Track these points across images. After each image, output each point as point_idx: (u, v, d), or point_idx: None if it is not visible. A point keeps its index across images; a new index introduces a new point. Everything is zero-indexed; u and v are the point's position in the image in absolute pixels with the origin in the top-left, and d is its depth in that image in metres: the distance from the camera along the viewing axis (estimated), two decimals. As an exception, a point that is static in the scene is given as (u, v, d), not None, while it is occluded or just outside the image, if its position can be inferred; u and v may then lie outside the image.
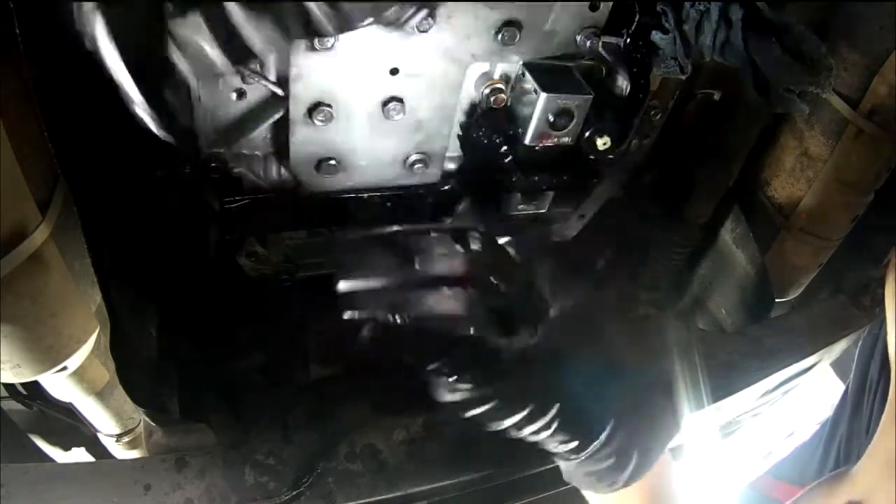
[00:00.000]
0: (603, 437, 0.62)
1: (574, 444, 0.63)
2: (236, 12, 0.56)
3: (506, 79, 0.85)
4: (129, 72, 0.54)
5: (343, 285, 0.58)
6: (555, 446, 0.64)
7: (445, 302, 0.58)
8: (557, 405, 0.61)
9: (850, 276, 1.18)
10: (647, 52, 0.81)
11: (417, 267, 0.59)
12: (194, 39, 0.57)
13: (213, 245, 0.90)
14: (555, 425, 0.61)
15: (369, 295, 0.58)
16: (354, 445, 0.80)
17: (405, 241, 0.61)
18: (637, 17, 0.79)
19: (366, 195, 0.93)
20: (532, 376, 0.61)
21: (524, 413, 0.60)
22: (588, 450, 0.63)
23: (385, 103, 0.82)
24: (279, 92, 0.79)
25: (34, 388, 0.84)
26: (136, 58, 0.54)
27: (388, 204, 0.94)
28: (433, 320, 0.58)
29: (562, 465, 0.69)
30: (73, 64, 0.60)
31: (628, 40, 0.81)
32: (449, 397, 0.59)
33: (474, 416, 0.60)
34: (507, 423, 0.61)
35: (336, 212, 0.94)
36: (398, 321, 0.57)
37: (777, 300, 1.17)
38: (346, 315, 0.58)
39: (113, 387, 0.83)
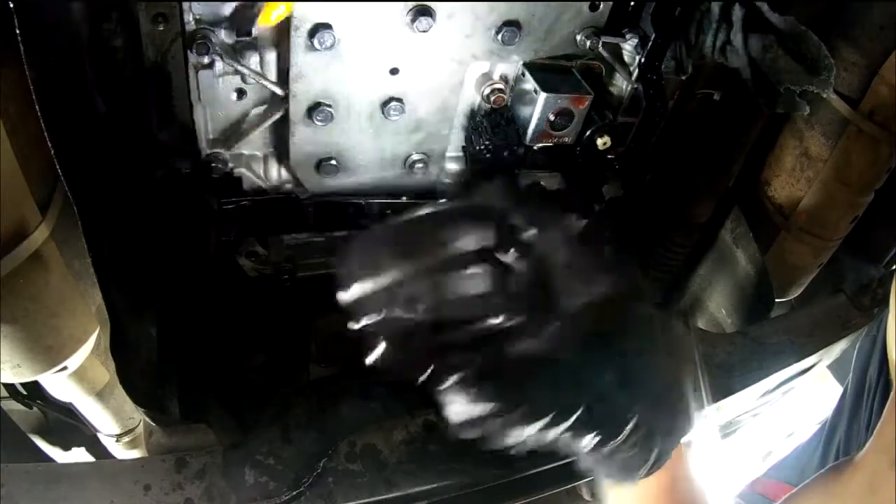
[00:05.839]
0: (627, 429, 0.59)
1: (597, 440, 0.59)
2: None
3: (506, 79, 0.85)
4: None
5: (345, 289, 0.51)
6: (577, 444, 0.60)
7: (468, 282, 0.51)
8: (583, 406, 0.57)
9: (850, 276, 1.18)
10: (661, 73, 0.81)
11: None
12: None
13: (213, 245, 0.89)
14: (579, 425, 0.57)
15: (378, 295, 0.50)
16: (354, 445, 0.80)
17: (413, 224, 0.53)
18: (653, 37, 0.79)
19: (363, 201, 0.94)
20: (557, 374, 0.57)
21: (547, 419, 0.56)
22: (611, 444, 0.60)
23: (385, 103, 0.82)
24: (279, 92, 0.79)
25: (34, 388, 0.84)
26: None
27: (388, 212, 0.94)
28: (456, 305, 0.51)
29: (581, 457, 0.64)
30: (73, 64, 0.60)
31: (643, 60, 0.81)
32: (467, 413, 0.54)
33: (490, 430, 0.55)
34: (529, 431, 0.56)
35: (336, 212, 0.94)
36: (414, 317, 0.49)
37: (777, 300, 1.17)
38: (352, 325, 0.51)
39: (113, 387, 0.83)
